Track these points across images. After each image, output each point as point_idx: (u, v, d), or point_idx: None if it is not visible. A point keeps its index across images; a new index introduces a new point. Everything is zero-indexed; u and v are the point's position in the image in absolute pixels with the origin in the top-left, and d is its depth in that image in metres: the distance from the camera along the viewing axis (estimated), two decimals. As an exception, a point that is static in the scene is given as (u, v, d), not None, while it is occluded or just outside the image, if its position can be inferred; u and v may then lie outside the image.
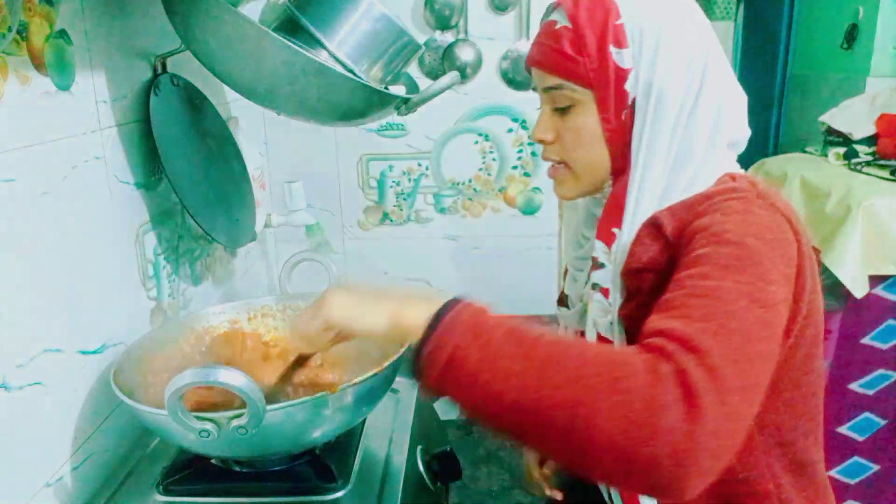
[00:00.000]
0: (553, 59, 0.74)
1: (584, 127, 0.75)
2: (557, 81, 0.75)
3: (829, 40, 2.55)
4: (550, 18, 0.76)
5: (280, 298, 1.09)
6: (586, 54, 0.72)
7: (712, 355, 0.54)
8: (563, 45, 0.73)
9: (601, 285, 0.75)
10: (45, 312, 0.81)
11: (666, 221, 0.70)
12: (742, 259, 0.62)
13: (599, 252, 0.75)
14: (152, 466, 0.89)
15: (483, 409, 0.59)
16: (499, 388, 0.57)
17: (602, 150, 0.76)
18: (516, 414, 0.56)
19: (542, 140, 0.79)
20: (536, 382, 0.55)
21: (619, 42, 0.71)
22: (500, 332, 0.59)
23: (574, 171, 0.79)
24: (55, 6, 0.83)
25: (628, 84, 0.72)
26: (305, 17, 0.90)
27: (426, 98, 0.98)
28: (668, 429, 0.51)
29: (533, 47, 0.78)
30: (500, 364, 0.57)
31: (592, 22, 0.72)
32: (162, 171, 1.06)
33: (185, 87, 1.15)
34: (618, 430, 0.52)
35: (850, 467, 1.78)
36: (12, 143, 0.75)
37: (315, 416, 0.77)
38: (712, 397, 0.52)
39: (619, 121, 0.74)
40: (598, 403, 0.53)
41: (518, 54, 1.67)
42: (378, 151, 1.76)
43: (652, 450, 0.51)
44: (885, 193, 1.64)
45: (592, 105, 0.74)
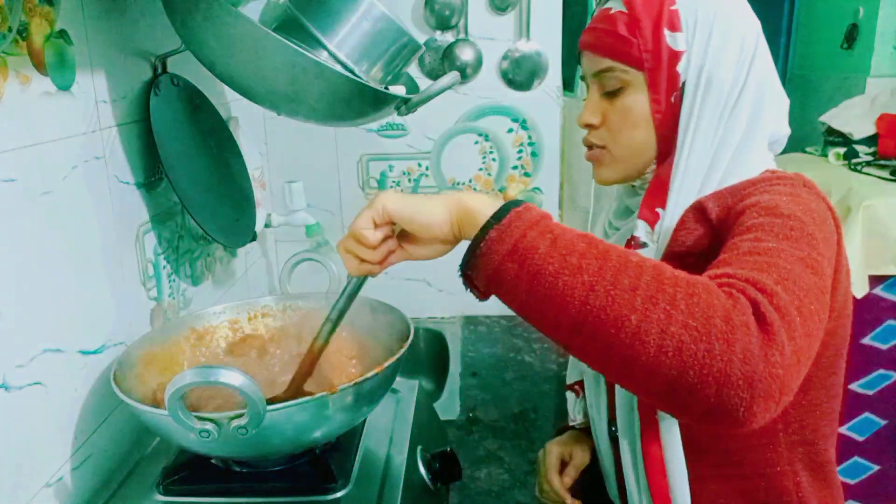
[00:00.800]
0: (606, 41, 0.76)
1: (633, 108, 0.76)
2: (609, 63, 0.76)
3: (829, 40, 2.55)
4: (606, 5, 0.78)
5: (280, 298, 1.09)
6: (640, 36, 0.74)
7: (780, 297, 0.53)
8: (617, 27, 0.75)
9: None
10: (45, 312, 0.81)
11: (710, 206, 0.71)
12: (795, 230, 0.61)
13: (641, 231, 0.75)
14: (152, 466, 0.89)
15: (542, 305, 0.55)
16: (567, 283, 0.53)
17: (648, 132, 0.76)
18: (582, 313, 0.53)
19: (590, 124, 0.80)
20: (611, 282, 0.52)
21: (673, 25, 0.73)
22: (572, 233, 0.56)
23: (615, 154, 0.79)
24: (55, 6, 0.83)
25: (680, 66, 0.74)
26: (305, 17, 0.90)
27: (426, 98, 0.98)
28: (745, 347, 0.50)
29: (585, 33, 0.80)
30: (571, 259, 0.54)
31: (648, 6, 0.74)
32: (162, 171, 1.06)
33: (185, 87, 1.15)
34: (693, 340, 0.50)
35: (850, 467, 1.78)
36: (12, 143, 0.75)
37: (315, 416, 0.77)
38: (784, 332, 0.52)
39: (668, 103, 0.75)
40: (676, 311, 0.51)
41: (519, 54, 1.67)
42: (378, 151, 1.76)
43: (726, 364, 0.50)
44: (885, 193, 1.64)
45: (643, 87, 0.75)
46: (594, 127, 0.80)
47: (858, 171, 1.88)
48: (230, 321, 1.04)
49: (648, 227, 0.75)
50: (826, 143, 2.12)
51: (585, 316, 0.52)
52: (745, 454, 0.74)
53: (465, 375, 1.49)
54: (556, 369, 1.52)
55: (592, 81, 0.80)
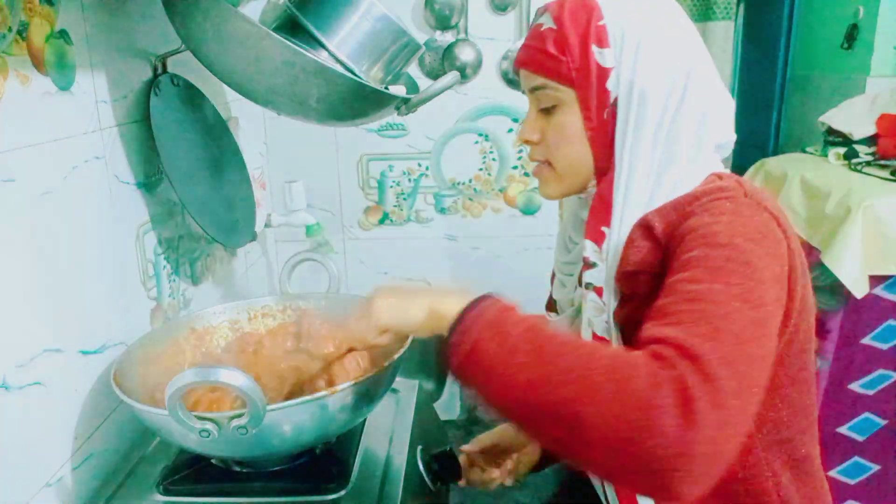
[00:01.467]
0: (537, 58, 0.76)
1: (567, 125, 0.76)
2: (542, 81, 0.76)
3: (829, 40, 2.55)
4: (538, 21, 0.78)
5: (280, 298, 1.09)
6: (569, 53, 0.74)
7: (708, 360, 0.55)
8: (546, 44, 0.75)
9: (594, 284, 0.75)
10: (45, 312, 0.81)
11: (656, 223, 0.71)
12: (732, 260, 0.63)
13: (590, 252, 0.76)
14: (152, 466, 0.89)
15: (496, 399, 0.62)
16: (511, 381, 0.60)
17: (584, 148, 0.77)
18: (525, 406, 0.59)
19: (528, 140, 0.81)
20: (545, 378, 0.58)
21: (600, 41, 0.73)
22: (518, 329, 0.62)
23: (557, 171, 0.80)
24: (55, 6, 0.83)
25: (610, 83, 0.73)
26: (305, 17, 0.90)
27: (426, 98, 0.98)
28: (662, 431, 0.52)
29: (520, 50, 0.80)
30: (514, 359, 0.60)
31: (575, 22, 0.74)
32: (162, 171, 1.06)
33: (185, 87, 1.15)
34: (615, 429, 0.54)
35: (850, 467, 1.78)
36: (12, 143, 0.75)
37: (315, 416, 0.77)
38: (708, 403, 0.53)
39: (600, 119, 0.75)
40: (600, 402, 0.55)
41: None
42: (378, 151, 1.76)
43: (646, 450, 0.53)
44: (885, 193, 1.64)
45: (575, 104, 0.75)
46: (534, 143, 0.80)
47: (858, 171, 1.88)
48: (230, 321, 1.05)
49: (596, 246, 0.75)
50: (826, 143, 2.12)
51: (528, 409, 0.59)
52: None
53: (465, 375, 1.49)
54: (556, 369, 1.51)
55: (530, 98, 0.80)
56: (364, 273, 1.84)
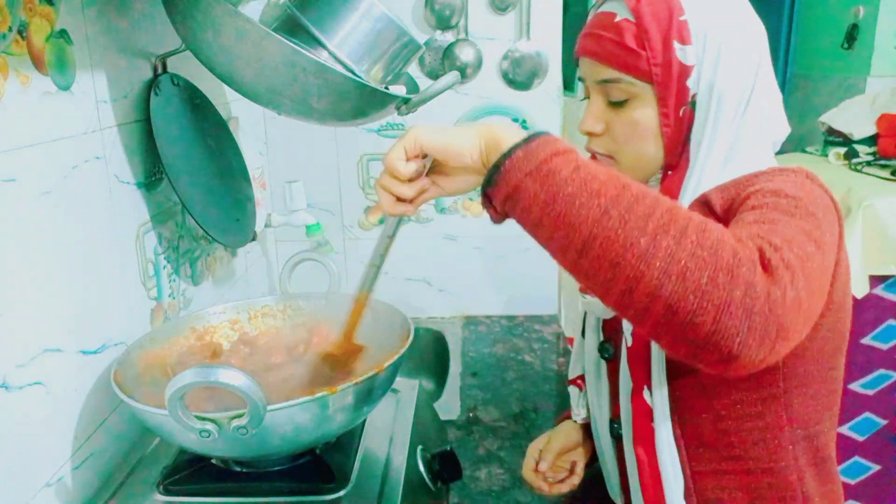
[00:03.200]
0: (612, 51, 0.73)
1: (640, 121, 0.75)
2: (615, 74, 0.74)
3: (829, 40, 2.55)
4: (606, 10, 0.75)
5: (280, 298, 1.09)
6: (650, 48, 0.71)
7: (785, 252, 0.55)
8: (624, 37, 0.72)
9: None
10: (45, 312, 0.81)
11: (715, 198, 0.71)
12: (800, 208, 0.62)
13: None
14: (152, 466, 0.89)
15: (555, 224, 0.57)
16: (583, 204, 0.55)
17: (656, 145, 0.75)
18: (593, 233, 0.55)
19: (592, 132, 0.79)
20: (626, 208, 0.55)
21: (683, 38, 0.71)
22: (596, 165, 0.59)
23: (622, 166, 0.78)
24: (55, 6, 0.83)
25: (690, 81, 0.72)
26: (306, 17, 0.90)
27: (426, 98, 0.98)
28: (748, 280, 0.52)
29: (585, 38, 0.77)
30: (590, 185, 0.56)
31: (656, 17, 0.71)
32: (162, 170, 1.06)
33: (186, 87, 1.15)
34: (699, 268, 0.52)
35: (851, 467, 1.79)
36: (12, 143, 0.75)
37: (315, 416, 0.77)
38: (787, 277, 0.53)
39: (676, 117, 0.74)
40: (686, 240, 0.53)
41: (519, 54, 1.67)
42: (378, 151, 1.76)
43: (727, 293, 0.52)
44: (885, 193, 1.64)
45: (651, 100, 0.74)
46: (597, 134, 0.79)
47: (858, 171, 1.88)
48: (230, 321, 1.05)
49: None
50: (826, 143, 2.12)
51: (596, 236, 0.54)
52: (749, 448, 0.75)
53: (465, 375, 1.49)
54: (557, 369, 1.52)
55: (595, 88, 0.78)
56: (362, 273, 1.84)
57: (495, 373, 1.50)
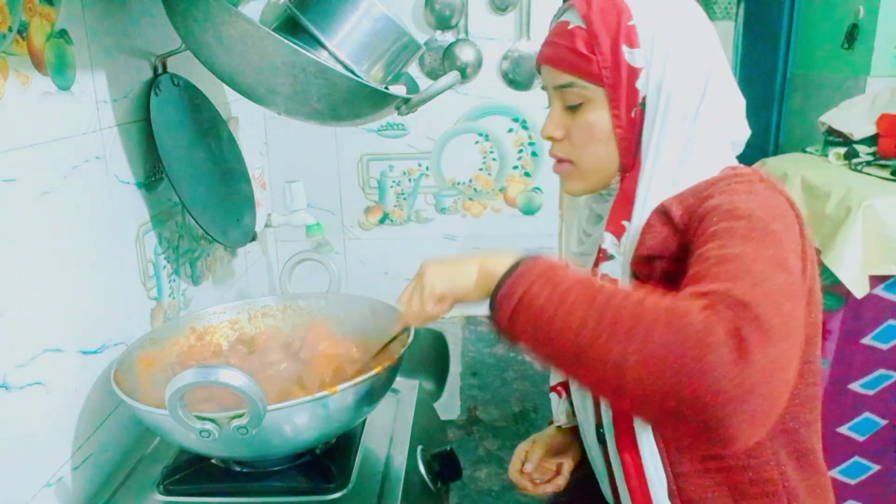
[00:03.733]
0: (566, 57, 0.76)
1: (594, 124, 0.77)
2: (569, 79, 0.77)
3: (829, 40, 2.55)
4: (563, 18, 0.78)
5: (280, 298, 1.09)
6: (599, 52, 0.74)
7: (756, 304, 0.56)
8: (576, 43, 0.75)
9: (611, 276, 0.77)
10: (45, 312, 0.81)
11: (674, 208, 0.72)
12: (756, 230, 0.63)
13: (609, 244, 0.77)
14: (152, 466, 0.89)
15: (546, 346, 0.63)
16: (561, 326, 0.60)
17: (611, 146, 0.78)
18: (575, 350, 0.60)
19: (552, 137, 0.81)
20: (596, 320, 0.58)
21: (631, 42, 0.74)
22: (570, 280, 0.63)
23: (581, 168, 0.81)
24: (55, 6, 0.83)
25: (639, 82, 0.75)
26: (306, 17, 0.90)
27: (426, 98, 0.98)
28: (716, 366, 0.53)
29: (544, 46, 0.80)
30: (564, 306, 0.61)
31: (606, 22, 0.74)
32: (162, 171, 1.06)
33: (186, 87, 1.15)
34: (668, 366, 0.54)
35: (851, 467, 1.79)
36: (12, 143, 0.75)
37: (315, 416, 0.77)
38: (759, 343, 0.53)
39: (628, 118, 0.76)
40: (652, 340, 0.55)
41: (519, 54, 1.67)
42: (378, 151, 1.76)
43: (699, 387, 0.53)
44: (885, 193, 1.64)
45: (604, 102, 0.76)
46: (557, 140, 0.81)
47: (858, 171, 1.88)
48: (230, 321, 1.05)
49: (615, 239, 0.76)
50: (826, 143, 2.12)
51: (577, 352, 0.60)
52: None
53: (465, 375, 1.49)
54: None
55: (554, 94, 0.80)
56: (364, 273, 1.84)
57: (495, 373, 1.50)
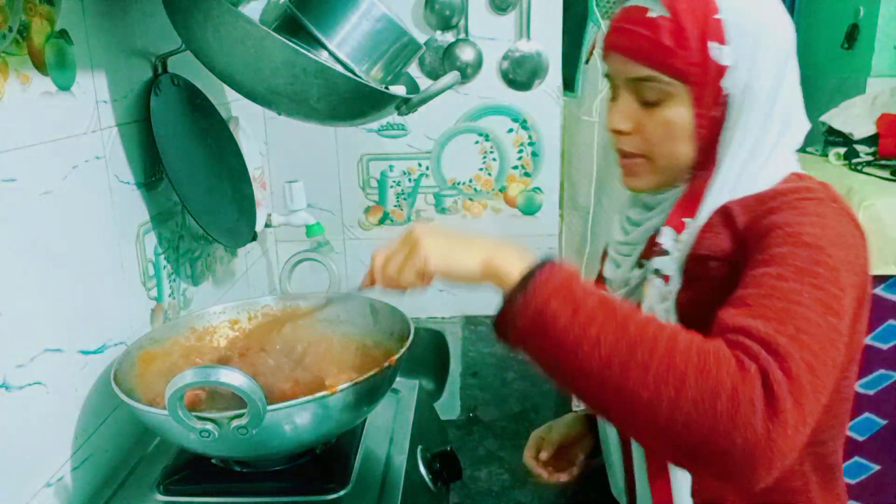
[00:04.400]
0: (647, 48, 0.71)
1: (674, 122, 0.73)
2: (649, 73, 0.72)
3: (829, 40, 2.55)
4: (637, 4, 0.73)
5: (280, 298, 1.09)
6: (687, 48, 0.69)
7: (793, 360, 0.56)
8: (661, 34, 0.70)
9: (663, 272, 0.74)
10: (45, 312, 0.81)
11: (738, 213, 0.70)
12: (818, 263, 0.62)
13: (667, 239, 0.74)
14: (152, 466, 0.89)
15: (563, 370, 0.60)
16: (585, 353, 0.57)
17: (689, 145, 0.74)
18: (598, 382, 0.57)
19: (620, 130, 0.77)
20: (626, 357, 0.56)
21: (719, 37, 0.69)
22: (593, 299, 0.59)
23: (656, 165, 0.77)
24: (55, 6, 0.83)
25: (724, 81, 0.71)
26: (306, 17, 0.90)
27: (427, 98, 0.98)
28: (749, 424, 0.53)
29: (616, 33, 0.75)
30: (590, 331, 0.57)
31: (693, 14, 0.69)
32: (162, 170, 1.06)
33: (186, 87, 1.15)
34: (700, 417, 0.54)
35: (851, 467, 1.78)
36: (12, 143, 0.75)
37: (315, 416, 0.77)
38: (791, 402, 0.54)
39: (710, 117, 0.72)
40: (685, 389, 0.54)
41: (519, 54, 1.67)
42: (378, 151, 1.76)
43: (730, 440, 0.53)
44: (885, 193, 1.64)
45: (686, 99, 0.72)
46: (626, 133, 0.77)
47: (859, 171, 1.88)
48: (230, 321, 1.05)
49: (675, 234, 0.74)
50: (826, 143, 2.12)
51: (602, 388, 0.58)
52: None
53: (465, 375, 1.49)
54: (557, 369, 1.52)
55: (626, 86, 0.75)
56: (364, 273, 1.83)
57: (495, 373, 1.50)
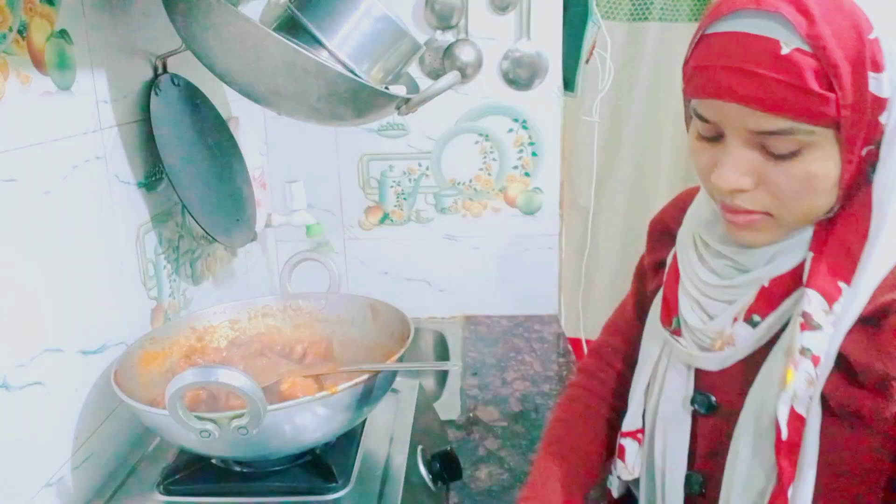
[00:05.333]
0: (788, 97, 0.55)
1: (817, 175, 0.58)
2: (788, 125, 0.56)
3: (829, 40, 2.55)
4: (755, 33, 0.56)
5: (280, 298, 1.09)
6: (840, 87, 0.54)
7: None
8: (805, 79, 0.54)
9: (813, 352, 0.59)
10: (45, 312, 0.81)
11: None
12: None
13: (816, 309, 0.59)
14: (152, 466, 0.89)
15: None
16: None
17: (830, 196, 0.60)
18: None
19: (740, 189, 0.62)
20: None
21: (876, 65, 0.54)
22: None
23: (783, 222, 0.63)
24: (56, 6, 0.83)
25: (884, 115, 0.57)
26: (306, 16, 0.90)
27: (427, 98, 0.98)
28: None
29: (731, 75, 0.57)
30: None
31: (842, 41, 0.54)
32: (162, 170, 1.06)
33: (186, 87, 1.15)
34: None
35: (851, 467, 1.78)
36: (12, 143, 0.75)
37: (315, 416, 0.77)
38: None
39: (859, 159, 0.58)
40: None
41: (519, 54, 1.67)
42: (378, 151, 1.76)
43: None
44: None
45: (832, 146, 0.57)
46: (746, 191, 0.62)
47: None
48: (230, 321, 1.05)
49: (826, 305, 0.59)
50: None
51: None
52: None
53: (465, 375, 1.49)
54: (557, 369, 1.52)
55: (747, 138, 0.60)
56: (364, 273, 1.84)
57: (495, 373, 1.50)
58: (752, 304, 0.65)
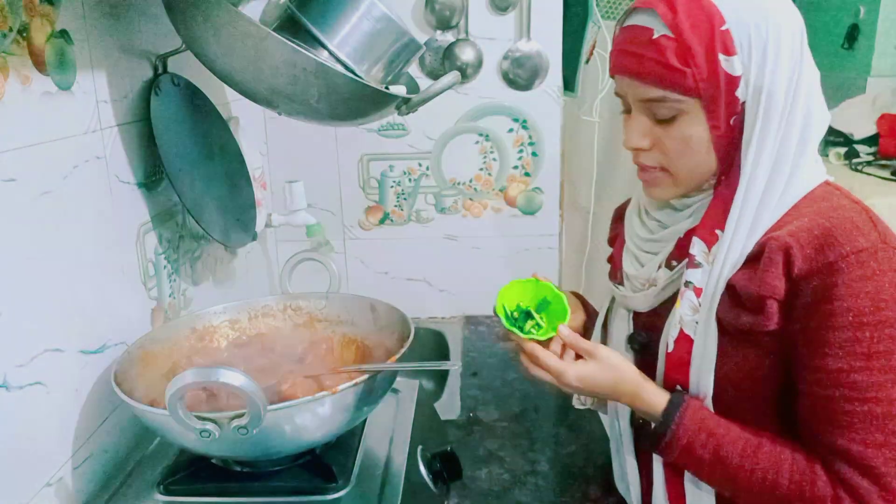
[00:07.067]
0: (655, 70, 0.71)
1: (691, 136, 0.73)
2: (660, 94, 0.72)
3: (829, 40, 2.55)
4: (639, 24, 0.73)
5: (280, 298, 1.09)
6: (694, 65, 0.69)
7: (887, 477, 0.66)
8: (667, 56, 0.70)
9: (695, 284, 0.75)
10: (45, 312, 0.81)
11: (797, 258, 0.69)
12: (882, 340, 0.66)
13: (698, 252, 0.75)
14: (152, 466, 0.89)
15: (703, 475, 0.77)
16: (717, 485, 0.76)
17: (709, 156, 0.75)
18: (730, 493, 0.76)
19: (639, 148, 0.78)
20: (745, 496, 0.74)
21: (727, 49, 0.69)
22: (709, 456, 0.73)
23: (676, 177, 0.78)
24: (56, 6, 0.83)
25: (739, 91, 0.71)
26: (306, 16, 0.90)
27: (427, 98, 0.98)
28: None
29: (622, 56, 0.75)
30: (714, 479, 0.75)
31: (697, 29, 0.69)
32: (162, 170, 1.06)
33: (186, 87, 1.15)
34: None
35: None
36: (12, 143, 0.75)
37: (315, 416, 0.77)
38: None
39: (727, 126, 0.73)
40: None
41: (519, 54, 1.67)
42: (378, 151, 1.76)
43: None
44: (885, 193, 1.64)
45: (700, 113, 0.72)
46: (645, 149, 0.78)
47: (859, 171, 1.88)
48: (230, 321, 1.05)
49: (706, 247, 0.74)
50: (826, 143, 2.12)
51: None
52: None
53: (465, 375, 1.49)
54: (557, 369, 1.52)
55: (639, 106, 0.76)
56: (364, 273, 1.84)
57: (495, 373, 1.50)
58: (672, 253, 0.80)
